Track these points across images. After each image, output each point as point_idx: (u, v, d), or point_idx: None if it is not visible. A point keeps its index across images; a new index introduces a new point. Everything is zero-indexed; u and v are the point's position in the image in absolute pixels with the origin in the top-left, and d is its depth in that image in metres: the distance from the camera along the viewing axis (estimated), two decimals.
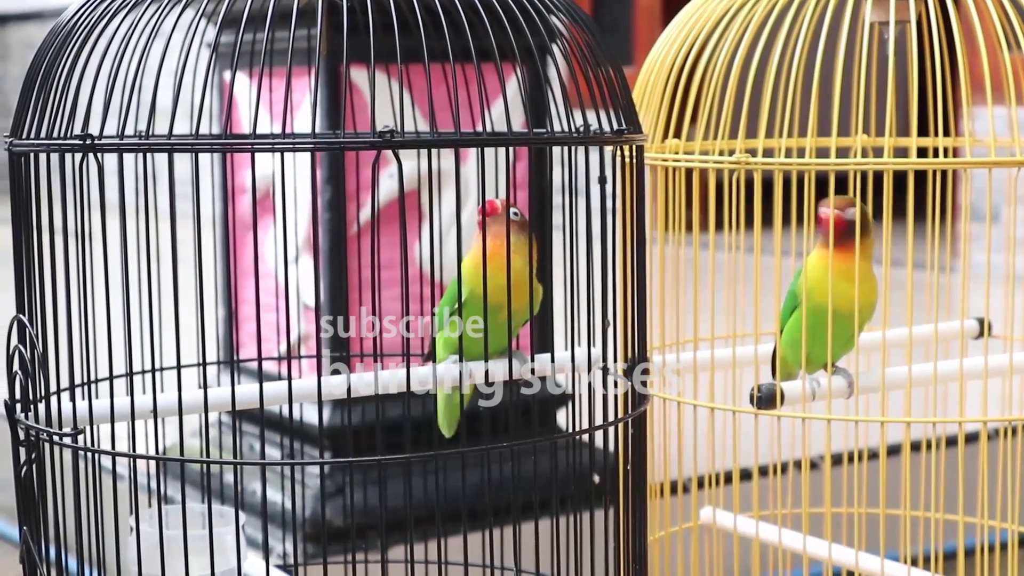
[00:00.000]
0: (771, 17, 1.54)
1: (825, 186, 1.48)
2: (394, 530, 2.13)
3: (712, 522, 1.68)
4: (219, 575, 1.27)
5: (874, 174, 1.50)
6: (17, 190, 1.26)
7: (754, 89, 1.55)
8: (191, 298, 1.30)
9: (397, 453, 1.20)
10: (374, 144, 1.15)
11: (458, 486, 1.39)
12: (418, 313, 1.43)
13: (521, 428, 1.77)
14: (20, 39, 8.79)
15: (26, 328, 1.25)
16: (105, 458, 1.24)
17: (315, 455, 2.25)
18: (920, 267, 3.33)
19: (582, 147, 1.26)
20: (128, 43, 1.24)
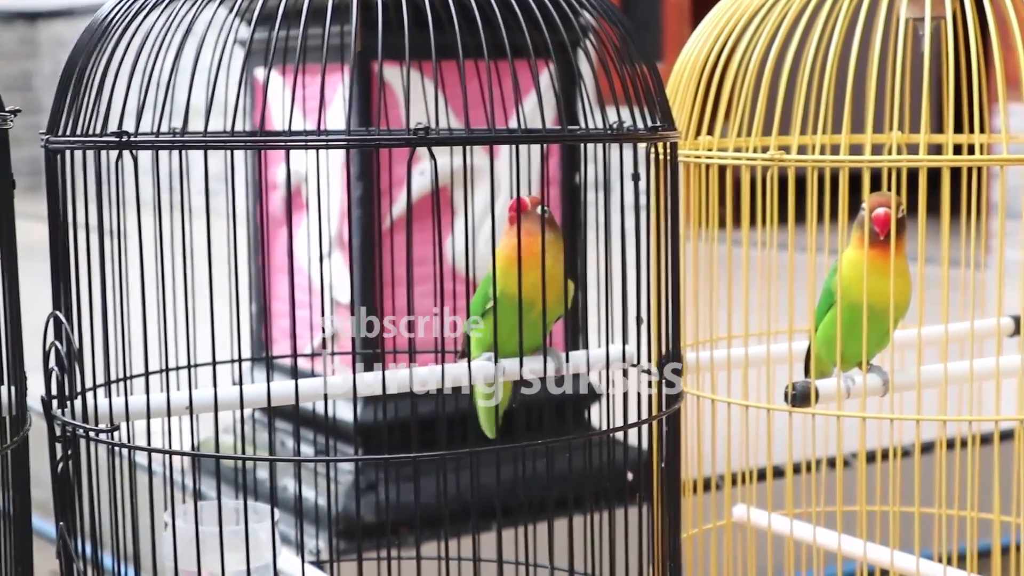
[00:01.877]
0: (805, 13, 1.54)
1: (855, 183, 1.47)
2: (427, 527, 2.13)
3: (746, 520, 1.68)
4: (253, 571, 1.28)
5: (907, 171, 1.50)
6: (53, 187, 1.27)
7: (787, 86, 1.54)
8: (223, 294, 1.30)
9: (430, 450, 1.20)
10: (409, 141, 1.15)
11: (490, 483, 1.40)
12: (449, 310, 1.43)
13: (553, 425, 1.77)
14: (50, 36, 8.82)
15: (62, 324, 1.25)
16: (137, 454, 1.24)
17: (347, 451, 2.25)
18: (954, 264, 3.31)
19: (616, 144, 1.25)
20: (161, 41, 1.24)
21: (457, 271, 2.20)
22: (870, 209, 1.44)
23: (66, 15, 8.61)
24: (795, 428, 1.54)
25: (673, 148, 1.32)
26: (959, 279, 1.76)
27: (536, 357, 1.33)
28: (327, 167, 1.29)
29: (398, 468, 2.01)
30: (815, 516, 1.62)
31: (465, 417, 1.49)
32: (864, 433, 1.46)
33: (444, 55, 1.18)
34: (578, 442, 1.24)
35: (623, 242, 1.28)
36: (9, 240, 1.20)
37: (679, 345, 1.34)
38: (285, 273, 2.31)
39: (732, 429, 1.59)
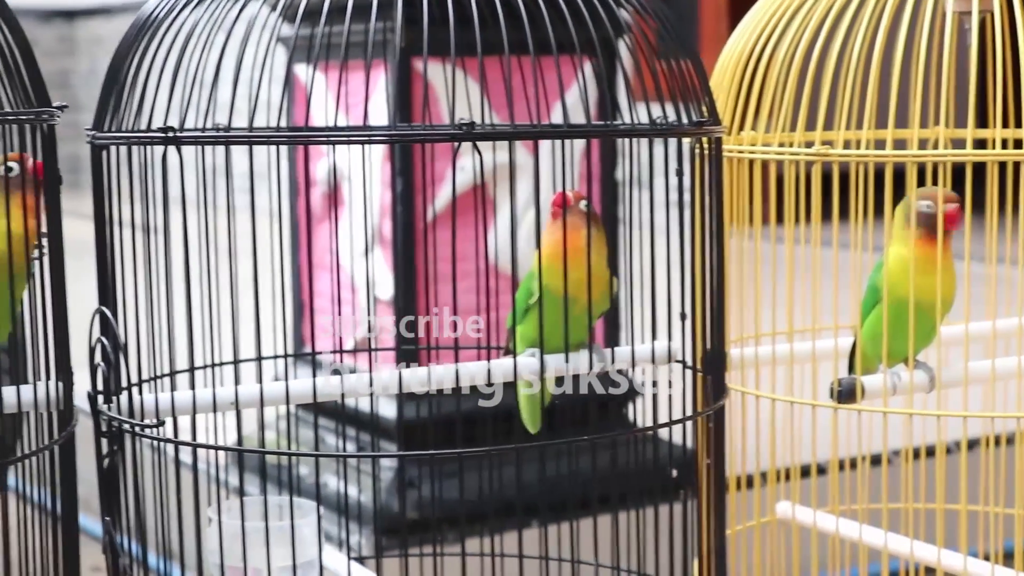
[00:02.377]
0: (850, 7, 1.53)
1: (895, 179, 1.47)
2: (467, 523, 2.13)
3: (790, 517, 1.67)
4: (298, 566, 1.28)
5: (952, 166, 1.49)
6: (99, 183, 1.27)
7: (831, 81, 1.53)
8: (265, 291, 1.30)
9: (471, 446, 1.19)
10: (454, 136, 1.14)
11: (532, 479, 1.39)
12: (488, 306, 1.43)
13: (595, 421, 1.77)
14: (88, 34, 8.86)
15: (108, 320, 1.25)
16: (180, 450, 1.25)
17: (387, 448, 2.25)
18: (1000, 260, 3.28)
19: (660, 139, 1.25)
20: (202, 37, 1.24)
21: (498, 268, 2.20)
22: (941, 203, 1.43)
23: (103, 13, 8.65)
24: (828, 424, 1.53)
25: (718, 143, 1.31)
26: (1006, 276, 1.74)
27: (580, 353, 1.32)
28: (369, 163, 1.29)
29: (440, 465, 2.01)
30: (861, 514, 1.61)
31: (509, 413, 1.48)
32: (911, 430, 1.45)
33: (486, 51, 1.17)
34: (622, 438, 1.24)
35: (667, 238, 1.28)
36: (57, 236, 1.20)
37: (724, 341, 1.33)
38: (325, 270, 2.31)
39: (770, 426, 1.59)
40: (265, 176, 1.27)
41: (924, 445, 1.76)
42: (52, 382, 1.21)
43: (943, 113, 1.50)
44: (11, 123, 1.14)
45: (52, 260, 1.20)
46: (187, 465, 1.27)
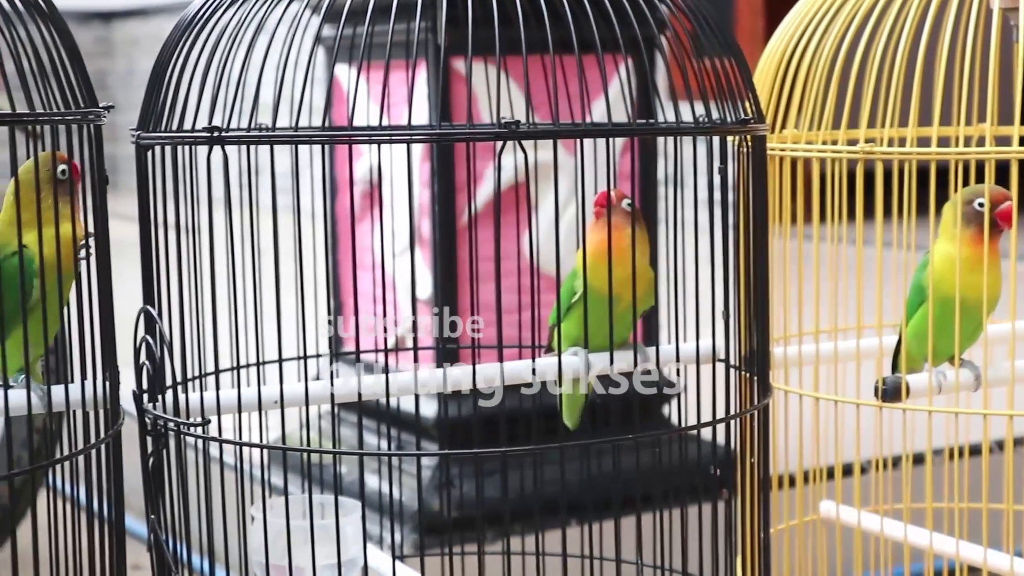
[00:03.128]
0: (892, 6, 1.52)
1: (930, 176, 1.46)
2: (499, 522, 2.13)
3: (834, 516, 1.66)
4: (341, 565, 1.28)
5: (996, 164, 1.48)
6: (144, 183, 1.27)
7: (875, 79, 1.52)
8: (310, 290, 1.31)
9: (510, 445, 1.19)
10: (499, 135, 1.14)
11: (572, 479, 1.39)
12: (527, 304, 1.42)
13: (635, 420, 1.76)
14: (125, 35, 8.90)
15: (153, 319, 1.26)
16: (219, 449, 1.25)
17: (425, 447, 2.25)
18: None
19: (702, 138, 1.25)
20: (242, 38, 1.25)
21: (534, 266, 2.20)
22: (992, 202, 1.42)
23: (140, 14, 8.68)
24: (871, 423, 1.53)
25: (761, 142, 1.31)
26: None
27: (623, 352, 1.32)
28: (409, 162, 1.29)
29: (478, 463, 2.01)
30: (904, 513, 1.61)
31: (549, 412, 1.48)
32: (958, 429, 1.44)
33: (522, 50, 1.17)
34: (662, 436, 1.23)
35: (711, 237, 1.27)
36: (104, 236, 1.21)
37: (767, 340, 1.33)
38: (365, 269, 2.32)
39: (809, 424, 1.58)
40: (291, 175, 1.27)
41: (968, 444, 1.75)
42: (99, 381, 1.21)
43: (989, 110, 1.49)
44: (58, 124, 1.14)
45: (99, 259, 1.20)
46: (227, 464, 1.27)
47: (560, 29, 1.17)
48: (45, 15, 1.18)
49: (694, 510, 1.34)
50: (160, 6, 8.35)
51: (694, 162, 1.31)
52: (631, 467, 1.34)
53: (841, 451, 1.64)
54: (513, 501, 1.85)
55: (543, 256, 2.18)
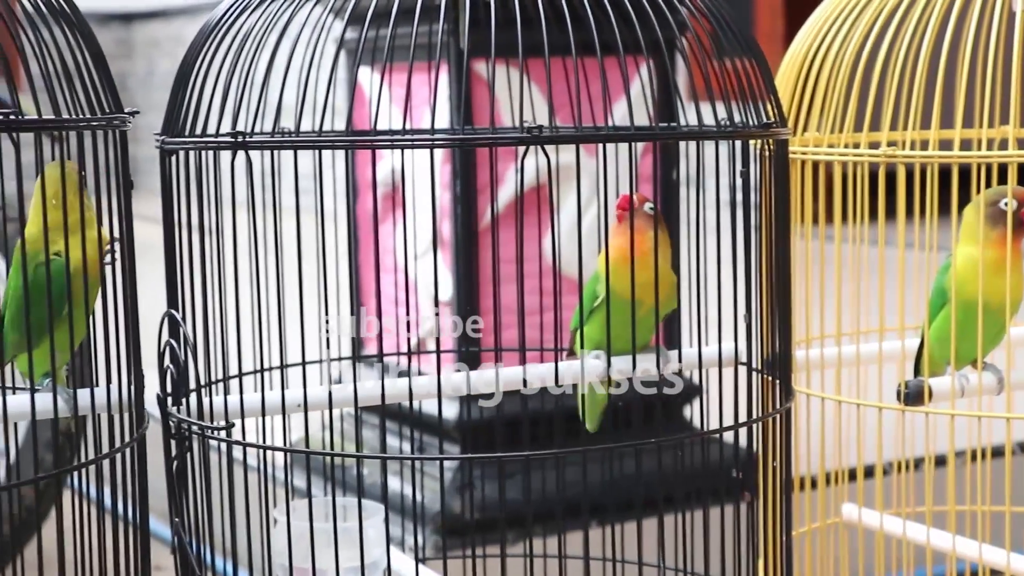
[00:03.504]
0: (914, 8, 1.52)
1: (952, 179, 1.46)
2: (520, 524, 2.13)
3: (855, 519, 1.66)
4: (364, 567, 1.28)
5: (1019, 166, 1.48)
6: (168, 187, 1.28)
7: (898, 81, 1.52)
8: (333, 293, 1.31)
9: (523, 448, 1.20)
10: (522, 139, 1.15)
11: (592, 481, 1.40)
12: (548, 307, 1.43)
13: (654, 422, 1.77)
14: (145, 37, 8.93)
15: (177, 323, 1.26)
16: (237, 452, 1.25)
17: (449, 450, 2.26)
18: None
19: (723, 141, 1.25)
20: (264, 41, 1.25)
21: (560, 269, 2.20)
22: (1011, 200, 1.42)
23: (160, 16, 8.71)
24: (892, 426, 1.52)
25: (783, 145, 1.31)
26: None
27: (645, 355, 1.32)
28: (432, 166, 1.30)
29: (500, 466, 2.01)
30: (926, 516, 1.60)
31: (573, 414, 1.49)
32: (980, 432, 1.44)
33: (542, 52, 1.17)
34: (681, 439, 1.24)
35: (733, 239, 1.27)
36: (129, 240, 1.21)
37: (790, 343, 1.33)
38: (387, 272, 2.32)
39: (831, 427, 1.58)
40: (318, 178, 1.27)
41: (991, 447, 1.74)
42: (124, 384, 1.22)
43: (1012, 112, 1.49)
44: (84, 129, 1.15)
45: (125, 263, 1.21)
46: (245, 465, 1.27)
47: (579, 31, 1.17)
48: (70, 20, 1.19)
49: (714, 513, 1.34)
50: (180, 8, 8.37)
51: (716, 165, 1.31)
52: (653, 469, 1.34)
53: (863, 454, 1.64)
54: (535, 503, 1.85)
55: (563, 258, 2.19)
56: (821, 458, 1.60)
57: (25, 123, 1.08)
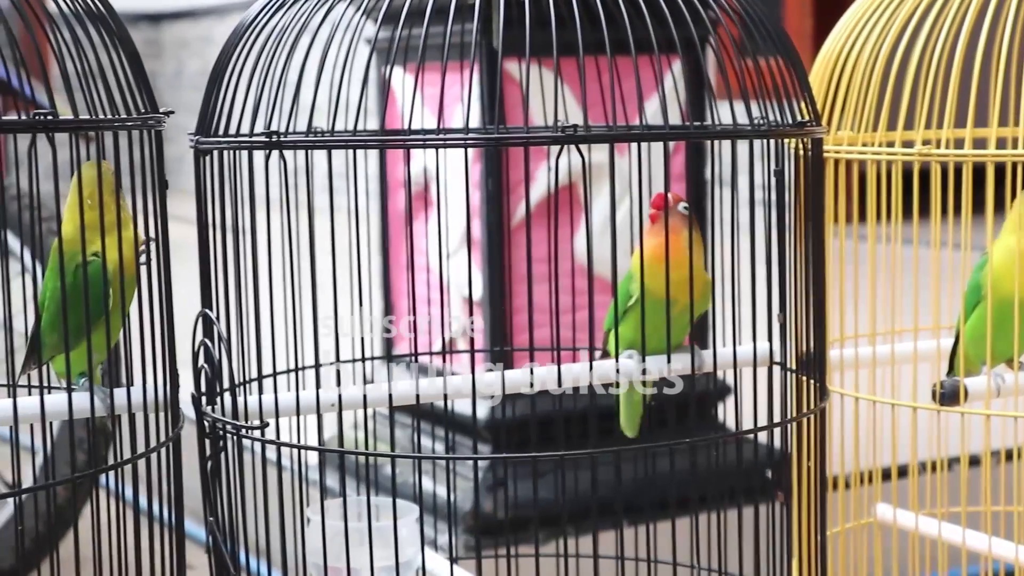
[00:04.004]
0: (948, 8, 1.51)
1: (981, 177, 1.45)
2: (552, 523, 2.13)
3: (891, 520, 1.65)
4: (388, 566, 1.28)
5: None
6: (202, 187, 1.28)
7: (934, 79, 1.52)
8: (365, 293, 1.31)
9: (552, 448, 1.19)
10: (557, 139, 1.14)
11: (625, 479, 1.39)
12: (578, 306, 1.42)
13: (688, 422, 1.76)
14: (173, 37, 8.96)
15: (212, 323, 1.27)
16: (272, 450, 1.26)
17: (479, 449, 2.25)
18: None
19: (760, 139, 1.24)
20: (297, 42, 1.25)
21: (583, 268, 2.20)
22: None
23: (189, 16, 8.73)
24: (930, 426, 1.52)
25: (818, 144, 1.30)
26: None
27: (678, 355, 1.32)
28: (467, 166, 1.30)
29: (534, 465, 2.01)
30: (963, 516, 1.60)
31: (607, 413, 1.48)
32: (1016, 432, 1.43)
33: (570, 52, 1.17)
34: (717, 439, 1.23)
35: (767, 239, 1.27)
36: (164, 240, 1.22)
37: (824, 343, 1.32)
38: (419, 271, 2.32)
39: (869, 428, 1.58)
40: (347, 177, 1.28)
41: (1015, 447, 1.73)
42: (160, 384, 1.22)
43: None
44: (119, 129, 1.15)
45: (160, 263, 1.21)
46: (274, 464, 1.28)
47: (608, 30, 1.17)
48: (105, 21, 1.19)
49: (747, 513, 1.33)
50: (209, 8, 8.39)
51: (750, 164, 1.30)
52: (685, 469, 1.34)
53: (897, 454, 1.63)
54: (567, 502, 1.85)
55: (596, 258, 2.18)
56: (856, 458, 1.59)
57: (61, 123, 1.08)
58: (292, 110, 1.22)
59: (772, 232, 1.28)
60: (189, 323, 1.27)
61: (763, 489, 1.36)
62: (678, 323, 1.31)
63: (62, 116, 1.09)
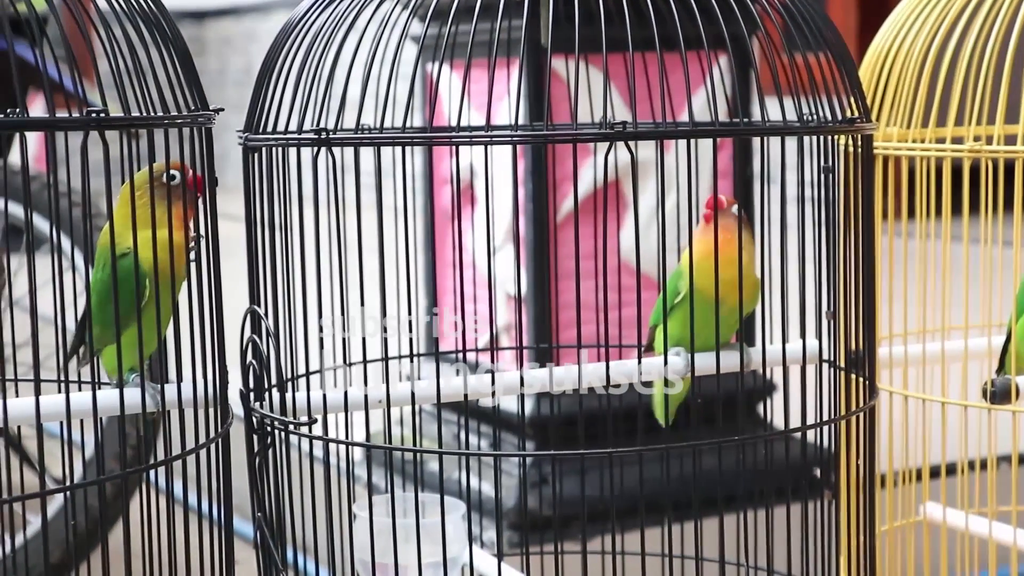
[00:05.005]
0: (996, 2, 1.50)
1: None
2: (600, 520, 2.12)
3: (940, 518, 1.64)
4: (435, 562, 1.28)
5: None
6: (250, 184, 1.29)
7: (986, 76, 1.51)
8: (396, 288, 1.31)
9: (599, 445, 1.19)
10: (605, 136, 1.14)
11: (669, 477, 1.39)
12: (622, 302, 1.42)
13: (733, 419, 1.76)
14: (217, 34, 9.00)
15: (260, 319, 1.27)
16: (319, 447, 1.26)
17: (525, 446, 2.26)
18: None
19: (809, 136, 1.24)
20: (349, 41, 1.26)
21: (629, 265, 2.20)
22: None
23: (232, 13, 8.77)
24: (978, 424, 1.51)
25: (868, 140, 1.30)
26: None
27: (726, 353, 1.32)
28: (513, 162, 1.30)
29: (572, 462, 2.01)
30: (1013, 516, 1.59)
31: (651, 412, 1.48)
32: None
33: (617, 48, 1.17)
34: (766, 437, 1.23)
35: (816, 236, 1.26)
36: (214, 236, 1.22)
37: (874, 341, 1.32)
38: (466, 267, 2.32)
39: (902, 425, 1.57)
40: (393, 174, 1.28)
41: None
42: (208, 380, 1.23)
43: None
44: (170, 127, 1.16)
45: (210, 260, 1.22)
46: (320, 461, 1.28)
47: (649, 26, 1.17)
48: (158, 21, 1.20)
49: (794, 510, 1.33)
50: (252, 5, 8.42)
51: (799, 161, 1.30)
52: (732, 466, 1.34)
53: (945, 452, 1.62)
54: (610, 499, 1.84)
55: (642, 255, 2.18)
56: (905, 456, 1.58)
57: (114, 121, 1.09)
58: (341, 107, 1.22)
59: (820, 229, 1.27)
60: (232, 318, 1.27)
61: (811, 487, 1.35)
62: (726, 322, 1.31)
63: (113, 114, 1.10)
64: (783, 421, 1.30)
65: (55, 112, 1.09)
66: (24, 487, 1.36)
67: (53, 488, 1.14)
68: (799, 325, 1.30)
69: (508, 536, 2.21)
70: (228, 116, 1.29)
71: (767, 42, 1.25)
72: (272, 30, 1.30)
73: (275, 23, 8.12)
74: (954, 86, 1.51)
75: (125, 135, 1.16)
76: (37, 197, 2.26)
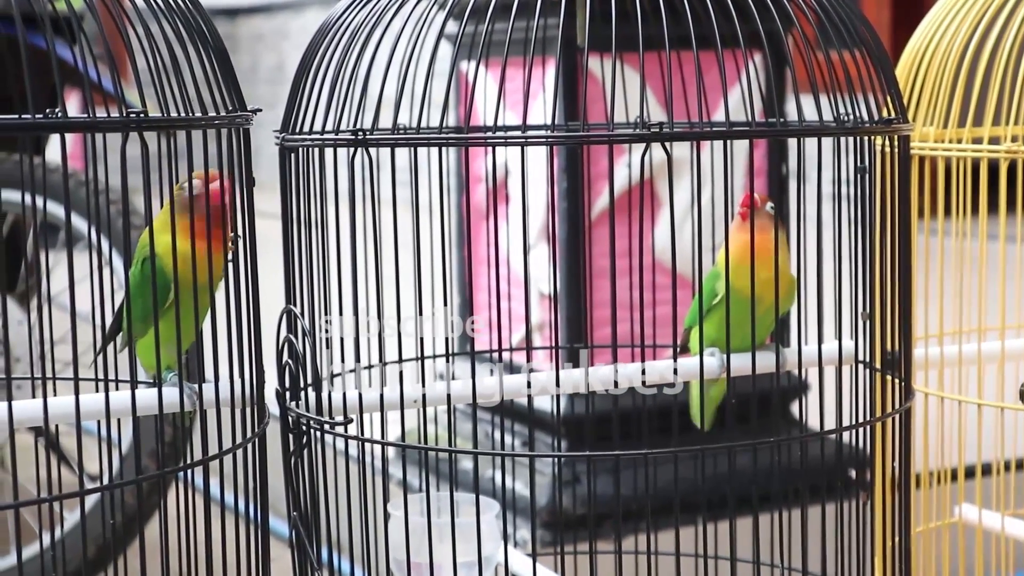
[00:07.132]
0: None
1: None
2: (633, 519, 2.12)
3: (976, 520, 1.64)
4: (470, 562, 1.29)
5: None
6: (287, 184, 1.29)
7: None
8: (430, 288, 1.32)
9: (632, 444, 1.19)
10: (641, 136, 1.14)
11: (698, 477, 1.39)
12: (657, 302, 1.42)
13: (768, 420, 1.75)
14: (249, 31, 9.02)
15: (296, 319, 1.27)
16: (354, 446, 1.26)
17: (551, 444, 2.26)
18: None
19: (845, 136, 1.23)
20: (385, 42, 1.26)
21: (662, 264, 2.19)
22: None
23: (264, 11, 8.79)
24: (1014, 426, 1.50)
25: (905, 141, 1.29)
26: None
27: (762, 353, 1.32)
28: (550, 162, 1.30)
29: (605, 461, 2.01)
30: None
31: (687, 410, 1.48)
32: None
33: (657, 47, 1.17)
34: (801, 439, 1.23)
35: (852, 236, 1.26)
36: (252, 236, 1.22)
37: (910, 342, 1.31)
38: (502, 266, 2.32)
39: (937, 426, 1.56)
40: (428, 173, 1.28)
41: None
42: (245, 380, 1.23)
43: None
44: (207, 127, 1.16)
45: (247, 260, 1.22)
46: (362, 461, 1.28)
47: (681, 24, 1.16)
48: (196, 21, 1.20)
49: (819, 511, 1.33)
50: (284, 3, 8.44)
51: (835, 160, 1.29)
52: (766, 466, 1.34)
53: (981, 454, 1.62)
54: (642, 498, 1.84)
55: (668, 254, 2.17)
56: (940, 457, 1.58)
57: (153, 122, 1.09)
58: (378, 107, 1.22)
59: (856, 229, 1.27)
60: (266, 315, 1.28)
61: (845, 487, 1.35)
62: (762, 322, 1.30)
63: (152, 114, 1.11)
64: (818, 420, 1.29)
65: (95, 112, 1.09)
66: (61, 484, 1.37)
67: (91, 488, 1.14)
68: (834, 325, 1.30)
69: (541, 535, 2.21)
70: (260, 113, 1.29)
71: (802, 39, 1.25)
72: (304, 27, 1.30)
73: (307, 20, 8.13)
74: (991, 86, 1.51)
75: (165, 136, 1.16)
76: (73, 195, 2.28)
